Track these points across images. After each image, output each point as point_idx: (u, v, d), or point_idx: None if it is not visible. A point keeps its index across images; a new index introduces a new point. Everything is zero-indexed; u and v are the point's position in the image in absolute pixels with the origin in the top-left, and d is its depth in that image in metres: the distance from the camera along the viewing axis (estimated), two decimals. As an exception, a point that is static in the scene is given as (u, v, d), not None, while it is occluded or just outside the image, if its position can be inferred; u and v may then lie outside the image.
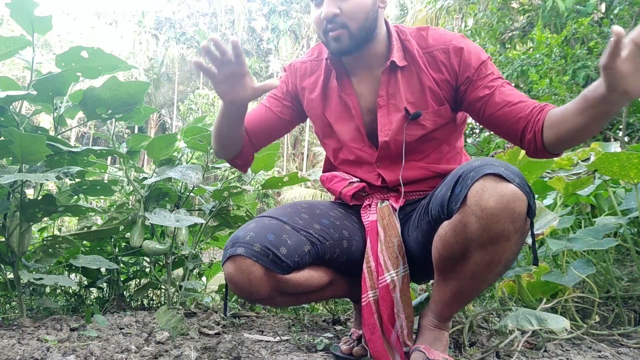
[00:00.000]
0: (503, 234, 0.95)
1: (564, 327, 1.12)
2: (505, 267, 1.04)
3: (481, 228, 0.95)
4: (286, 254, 1.09)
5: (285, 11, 37.76)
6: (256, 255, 1.07)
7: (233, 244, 1.11)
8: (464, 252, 1.01)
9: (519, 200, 0.93)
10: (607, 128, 5.26)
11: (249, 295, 1.13)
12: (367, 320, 1.17)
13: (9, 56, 1.68)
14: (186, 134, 1.97)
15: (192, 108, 26.60)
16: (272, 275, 1.09)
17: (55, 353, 1.25)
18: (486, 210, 0.93)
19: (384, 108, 1.26)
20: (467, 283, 1.06)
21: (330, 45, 1.21)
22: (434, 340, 1.14)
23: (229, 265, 1.10)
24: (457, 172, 1.03)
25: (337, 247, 1.21)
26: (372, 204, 1.28)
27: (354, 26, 1.17)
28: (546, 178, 1.81)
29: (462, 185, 0.98)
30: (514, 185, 0.93)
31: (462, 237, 0.99)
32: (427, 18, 10.37)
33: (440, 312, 1.14)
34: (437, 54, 1.23)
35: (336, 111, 1.32)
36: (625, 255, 2.12)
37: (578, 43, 5.52)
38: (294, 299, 1.21)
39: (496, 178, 0.94)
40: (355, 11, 1.16)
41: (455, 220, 1.00)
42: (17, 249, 1.70)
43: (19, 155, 1.57)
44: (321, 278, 1.20)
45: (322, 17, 1.17)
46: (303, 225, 1.17)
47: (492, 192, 0.93)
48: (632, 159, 1.42)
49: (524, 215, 0.95)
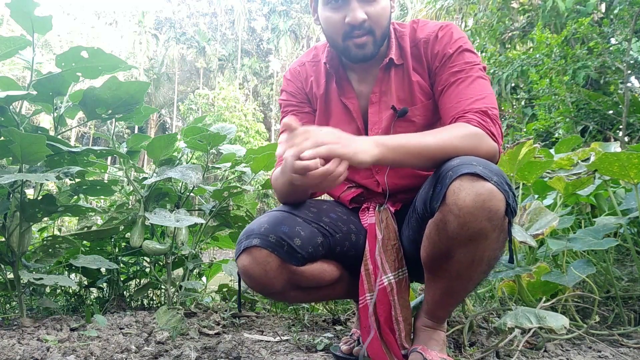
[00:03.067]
0: (481, 232, 0.95)
1: (563, 325, 1.13)
2: (489, 266, 1.04)
3: (459, 226, 0.96)
4: (300, 245, 1.10)
5: (285, 11, 37.76)
6: (272, 246, 1.07)
7: (248, 236, 1.10)
8: (447, 250, 1.02)
9: (495, 199, 0.93)
10: (607, 128, 5.27)
11: (263, 288, 1.12)
12: (363, 322, 1.17)
13: (9, 56, 1.68)
14: (186, 134, 1.97)
15: (192, 108, 26.61)
16: (287, 267, 1.09)
17: (55, 353, 1.25)
18: (463, 208, 0.94)
19: (376, 105, 1.25)
20: (455, 282, 1.06)
21: (352, 51, 1.16)
22: (430, 340, 1.14)
23: (244, 257, 1.09)
24: (438, 170, 1.04)
25: (347, 240, 1.22)
26: (370, 207, 1.28)
27: (378, 32, 1.15)
28: (546, 178, 1.81)
29: (442, 184, 0.99)
30: (491, 184, 0.93)
31: (444, 236, 1.00)
32: (427, 18, 10.38)
33: (433, 312, 1.15)
34: (421, 45, 1.22)
35: (337, 114, 1.31)
36: (625, 255, 2.12)
37: (578, 43, 5.52)
38: (306, 294, 1.22)
39: (473, 177, 0.94)
40: (381, 15, 1.14)
41: (436, 219, 1.01)
42: (17, 249, 1.70)
43: (19, 155, 1.57)
44: (332, 272, 1.21)
45: (349, 22, 1.12)
46: (313, 217, 1.18)
47: (469, 191, 0.93)
48: (632, 159, 1.42)
49: (501, 214, 0.95)
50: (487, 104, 1.09)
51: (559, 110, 5.34)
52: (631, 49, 4.77)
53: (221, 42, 39.73)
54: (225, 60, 38.70)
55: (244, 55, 39.47)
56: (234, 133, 2.16)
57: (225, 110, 23.15)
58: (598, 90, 5.68)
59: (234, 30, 39.76)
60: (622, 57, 4.75)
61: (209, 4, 41.76)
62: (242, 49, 39.33)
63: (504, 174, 1.00)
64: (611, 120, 5.23)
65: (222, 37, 40.20)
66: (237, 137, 19.99)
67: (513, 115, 7.04)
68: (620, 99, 4.75)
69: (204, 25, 40.25)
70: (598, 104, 5.10)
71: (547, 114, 5.61)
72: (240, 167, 2.15)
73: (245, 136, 21.21)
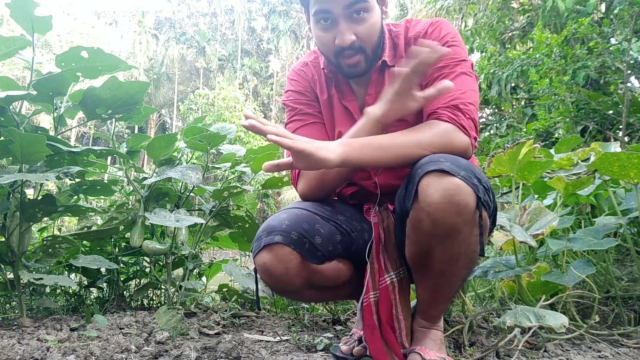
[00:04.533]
0: (453, 227, 0.96)
1: (562, 324, 1.13)
2: (470, 260, 1.05)
3: (432, 223, 0.97)
4: (321, 242, 1.10)
5: (285, 11, 37.77)
6: (294, 243, 1.06)
7: (269, 233, 1.08)
8: (426, 248, 1.03)
9: (462, 193, 0.94)
10: (607, 128, 5.27)
11: (282, 287, 1.11)
12: (367, 320, 1.17)
13: (9, 56, 1.69)
14: (186, 134, 1.97)
15: (192, 108, 26.59)
16: (308, 265, 1.09)
17: (55, 353, 1.25)
18: (432, 205, 0.95)
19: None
20: (439, 279, 1.07)
21: (344, 69, 1.19)
22: (428, 340, 1.14)
23: (264, 254, 1.07)
24: (410, 170, 1.04)
25: (361, 239, 1.22)
26: (371, 207, 1.29)
27: (369, 48, 1.16)
28: (546, 178, 1.81)
29: (412, 183, 1.00)
30: (458, 179, 0.94)
31: (420, 234, 1.01)
32: (427, 18, 10.37)
33: (426, 312, 1.15)
34: (412, 42, 1.22)
35: (340, 115, 1.32)
36: (625, 255, 2.12)
37: (578, 43, 5.52)
38: (320, 293, 1.22)
39: (440, 173, 0.95)
40: (369, 33, 1.14)
41: (411, 217, 1.02)
42: (17, 249, 1.70)
43: (19, 155, 1.57)
44: (348, 271, 1.21)
45: (338, 44, 1.13)
46: (330, 215, 1.18)
47: (437, 187, 0.94)
48: (632, 159, 1.42)
49: (471, 208, 0.95)
50: (463, 98, 1.08)
51: (559, 110, 5.34)
52: (631, 49, 4.76)
53: (221, 42, 39.73)
54: (225, 60, 38.70)
55: (244, 55, 39.47)
56: (234, 133, 2.16)
57: (225, 110, 23.14)
58: (598, 90, 5.68)
59: (234, 30, 39.76)
60: (622, 57, 4.75)
61: (209, 4, 41.76)
62: (242, 49, 39.32)
63: (475, 167, 1.00)
64: (611, 120, 5.23)
65: (222, 37, 40.19)
66: (237, 137, 19.97)
67: (513, 115, 7.04)
68: (620, 99, 4.75)
69: (204, 25, 40.26)
70: (598, 104, 5.10)
71: (547, 114, 5.61)
72: (240, 167, 2.15)
73: (245, 136, 21.18)
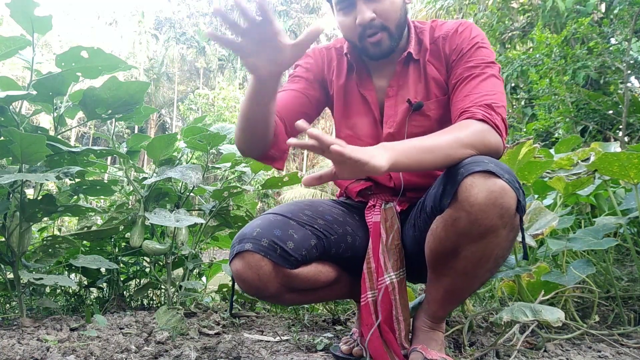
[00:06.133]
0: (492, 229, 0.96)
1: (558, 318, 1.13)
2: (496, 264, 1.04)
3: (470, 223, 0.96)
4: (293, 247, 1.10)
5: (285, 11, 37.74)
6: (264, 250, 1.07)
7: (240, 241, 1.10)
8: (454, 247, 1.02)
9: (507, 196, 0.94)
10: (607, 128, 5.27)
11: (257, 292, 1.12)
12: (365, 320, 1.17)
13: (9, 56, 1.68)
14: (186, 134, 1.97)
15: (192, 108, 26.59)
16: (281, 270, 1.09)
17: (55, 353, 1.25)
18: (475, 205, 0.94)
19: (392, 98, 1.26)
20: (459, 280, 1.06)
21: (370, 50, 1.19)
22: (430, 340, 1.14)
23: (237, 262, 1.09)
24: (449, 169, 1.04)
25: (342, 242, 1.22)
26: (377, 204, 1.28)
27: (392, 26, 1.16)
28: (546, 178, 1.81)
29: (453, 182, 0.99)
30: (503, 181, 0.94)
31: (452, 232, 1.00)
32: (427, 18, 10.38)
33: (434, 312, 1.15)
34: (439, 41, 1.23)
35: (355, 104, 1.32)
36: (625, 255, 2.12)
37: (578, 43, 5.52)
38: (302, 296, 1.21)
39: (485, 174, 0.95)
40: (390, 10, 1.15)
41: (446, 215, 1.01)
42: (17, 249, 1.70)
43: (19, 155, 1.57)
44: (328, 273, 1.21)
45: (358, 23, 1.14)
46: (307, 220, 1.18)
47: (481, 188, 0.94)
48: (632, 159, 1.42)
49: (512, 211, 0.96)
50: (494, 99, 1.09)
51: (559, 110, 5.34)
52: (631, 49, 4.76)
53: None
54: (225, 60, 38.67)
55: (244, 55, 39.31)
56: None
57: (225, 110, 23.15)
58: (598, 90, 5.68)
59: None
60: (622, 57, 4.75)
61: (209, 4, 41.73)
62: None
63: (514, 172, 1.01)
64: (611, 120, 5.23)
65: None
66: (237, 137, 19.91)
67: (513, 115, 7.03)
68: (620, 99, 4.75)
69: (204, 25, 40.22)
70: (598, 104, 5.10)
71: (547, 114, 5.61)
72: (240, 167, 2.15)
73: (245, 136, 21.14)
